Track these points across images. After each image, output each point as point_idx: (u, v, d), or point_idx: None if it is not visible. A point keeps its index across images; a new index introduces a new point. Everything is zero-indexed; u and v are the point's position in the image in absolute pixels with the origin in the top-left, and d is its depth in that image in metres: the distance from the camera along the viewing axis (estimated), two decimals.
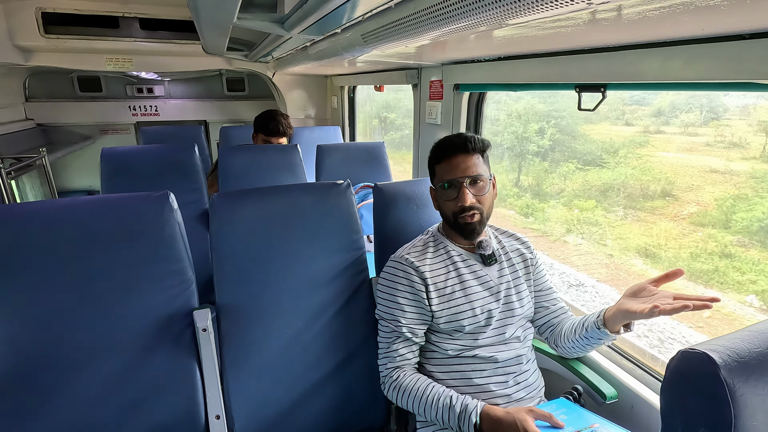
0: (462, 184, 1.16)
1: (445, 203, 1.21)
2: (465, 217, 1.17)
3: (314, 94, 4.11)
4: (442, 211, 1.24)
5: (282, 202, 1.34)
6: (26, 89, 4.04)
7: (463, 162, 1.17)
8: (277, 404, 1.25)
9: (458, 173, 1.17)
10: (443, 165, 1.20)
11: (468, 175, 1.16)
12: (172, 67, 3.50)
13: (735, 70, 0.89)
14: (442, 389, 1.10)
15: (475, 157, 1.19)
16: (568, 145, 2.62)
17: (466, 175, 1.16)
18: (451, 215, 1.20)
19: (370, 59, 1.88)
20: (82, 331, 1.09)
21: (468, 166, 1.17)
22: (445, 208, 1.22)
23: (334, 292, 1.34)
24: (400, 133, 4.32)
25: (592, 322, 1.14)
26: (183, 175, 2.00)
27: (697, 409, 0.50)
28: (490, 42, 1.28)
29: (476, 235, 1.21)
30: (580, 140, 2.58)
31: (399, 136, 4.32)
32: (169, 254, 1.17)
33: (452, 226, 1.22)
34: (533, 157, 2.90)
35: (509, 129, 2.94)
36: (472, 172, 1.17)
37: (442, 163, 1.20)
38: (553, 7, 0.68)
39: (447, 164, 1.19)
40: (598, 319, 1.13)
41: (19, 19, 2.79)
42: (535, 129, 2.78)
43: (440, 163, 1.21)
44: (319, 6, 1.18)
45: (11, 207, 1.11)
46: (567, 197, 2.59)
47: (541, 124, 2.73)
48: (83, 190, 4.57)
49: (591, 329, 1.14)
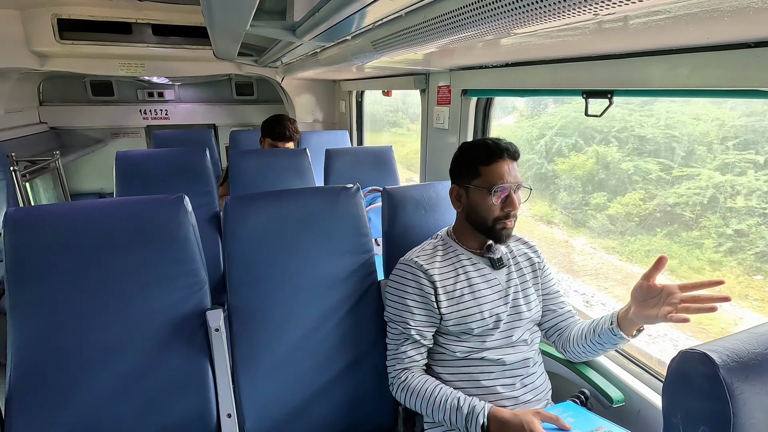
0: (512, 190, 1.18)
1: (487, 206, 1.19)
2: (506, 222, 1.19)
3: (322, 98, 4.15)
4: (478, 214, 1.21)
5: (293, 205, 1.37)
6: (40, 93, 4.12)
7: (512, 168, 1.20)
8: (287, 404, 1.27)
9: (511, 179, 1.18)
10: (494, 168, 1.18)
11: (518, 181, 1.19)
12: (183, 72, 3.56)
13: (741, 78, 0.90)
14: (449, 391, 1.11)
15: (516, 164, 1.21)
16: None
17: (518, 181, 1.19)
18: (491, 219, 1.19)
19: (378, 65, 1.91)
20: (98, 331, 1.12)
21: (516, 173, 1.20)
22: (484, 211, 1.20)
23: (343, 294, 1.36)
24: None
25: (607, 327, 1.14)
26: (194, 179, 2.04)
27: (697, 408, 0.51)
28: (497, 49, 1.30)
29: (508, 239, 1.23)
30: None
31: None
32: (184, 256, 1.20)
33: (486, 229, 1.21)
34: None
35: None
36: (520, 179, 1.20)
37: (493, 166, 1.19)
38: (559, 18, 0.70)
39: (498, 167, 1.18)
40: (612, 325, 1.13)
41: (36, 26, 2.87)
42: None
43: (490, 165, 1.19)
44: (330, 15, 1.20)
45: (31, 209, 1.14)
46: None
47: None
48: (94, 193, 4.64)
49: (605, 334, 1.14)
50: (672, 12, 0.67)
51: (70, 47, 2.99)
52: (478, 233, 1.24)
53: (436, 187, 1.52)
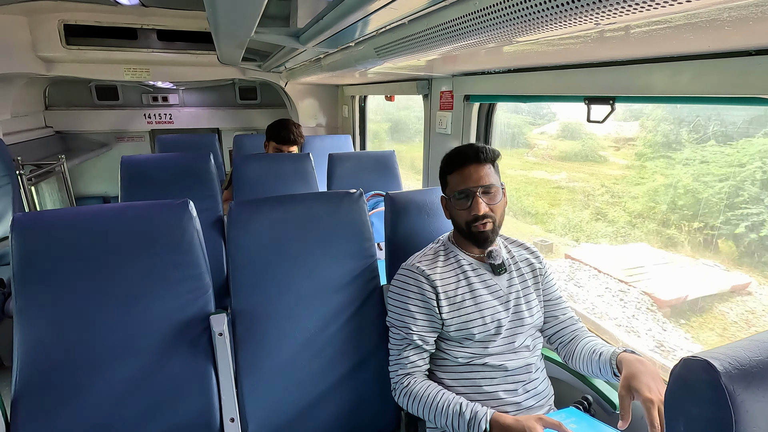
0: (475, 193, 1.19)
1: (458, 212, 1.23)
2: (478, 226, 1.20)
3: (325, 103, 4.17)
4: (455, 221, 1.26)
5: (296, 210, 1.38)
6: (46, 98, 4.16)
7: (475, 172, 1.20)
8: (289, 408, 1.27)
9: (471, 183, 1.19)
10: (456, 175, 1.23)
11: (481, 184, 1.19)
12: (188, 77, 3.59)
13: (742, 85, 0.90)
14: (452, 396, 1.11)
15: (487, 167, 1.21)
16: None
17: (479, 184, 1.19)
18: (464, 224, 1.22)
19: (381, 71, 1.92)
20: (103, 334, 1.13)
21: (480, 176, 1.20)
22: (458, 218, 1.24)
23: (346, 299, 1.36)
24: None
25: (607, 361, 1.11)
26: (199, 183, 2.06)
27: (699, 415, 0.52)
28: (500, 56, 1.31)
29: (489, 243, 1.23)
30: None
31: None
32: (188, 260, 1.21)
33: (465, 235, 1.24)
34: None
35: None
36: (485, 181, 1.20)
37: (455, 174, 1.23)
38: (561, 27, 0.71)
39: (459, 174, 1.22)
40: (612, 364, 1.10)
41: (43, 32, 2.90)
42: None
43: (453, 174, 1.24)
44: (334, 22, 1.22)
45: (38, 215, 1.16)
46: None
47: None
48: (99, 196, 4.67)
49: (605, 369, 1.13)
50: (672, 22, 0.67)
51: (77, 52, 3.02)
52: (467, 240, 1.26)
53: (438, 192, 1.52)
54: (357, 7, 1.02)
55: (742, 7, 0.56)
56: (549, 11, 0.64)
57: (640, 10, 0.55)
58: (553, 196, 2.65)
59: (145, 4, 2.82)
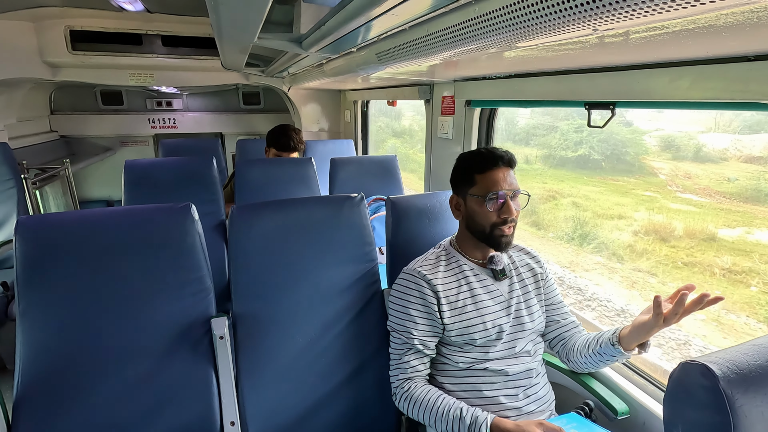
0: (508, 196, 1.19)
1: (484, 213, 1.20)
2: (503, 229, 1.20)
3: (328, 108, 4.19)
4: (475, 221, 1.23)
5: (298, 214, 1.38)
6: (52, 102, 4.20)
7: (508, 175, 1.21)
8: (290, 412, 1.27)
9: (505, 186, 1.19)
10: (488, 176, 1.20)
11: (514, 188, 1.20)
12: (191, 82, 3.62)
13: (741, 90, 0.91)
14: (452, 401, 1.11)
15: (513, 171, 1.23)
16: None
17: (513, 188, 1.20)
18: (488, 226, 1.20)
19: (383, 76, 1.93)
20: (105, 337, 1.14)
21: (512, 180, 1.21)
22: (481, 218, 1.21)
23: (346, 303, 1.37)
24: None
25: (607, 338, 1.15)
26: (201, 187, 2.07)
27: (698, 420, 0.51)
28: (501, 61, 1.31)
29: (508, 247, 1.23)
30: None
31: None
32: (190, 263, 1.22)
33: (484, 237, 1.22)
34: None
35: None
36: (517, 186, 1.21)
37: (487, 174, 1.20)
38: (560, 33, 0.71)
39: (493, 175, 1.20)
40: (613, 336, 1.14)
41: (49, 37, 2.94)
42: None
43: (484, 173, 1.21)
44: (336, 28, 1.23)
45: (42, 217, 1.17)
46: None
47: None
48: (102, 200, 4.70)
49: (605, 345, 1.15)
50: (670, 28, 0.68)
51: (82, 58, 3.05)
52: (479, 242, 1.25)
53: (439, 196, 1.53)
54: (359, 13, 1.02)
55: (738, 13, 0.57)
56: (547, 17, 0.65)
57: (636, 17, 0.56)
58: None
59: (150, 11, 2.85)
